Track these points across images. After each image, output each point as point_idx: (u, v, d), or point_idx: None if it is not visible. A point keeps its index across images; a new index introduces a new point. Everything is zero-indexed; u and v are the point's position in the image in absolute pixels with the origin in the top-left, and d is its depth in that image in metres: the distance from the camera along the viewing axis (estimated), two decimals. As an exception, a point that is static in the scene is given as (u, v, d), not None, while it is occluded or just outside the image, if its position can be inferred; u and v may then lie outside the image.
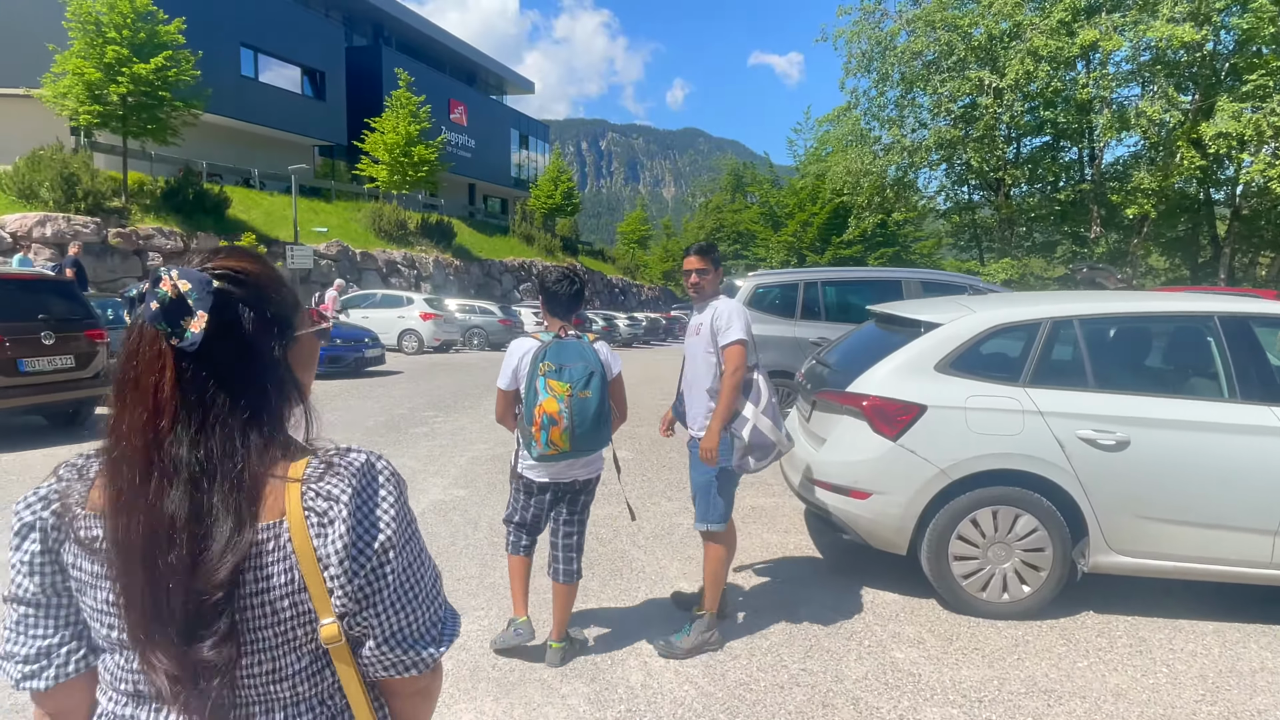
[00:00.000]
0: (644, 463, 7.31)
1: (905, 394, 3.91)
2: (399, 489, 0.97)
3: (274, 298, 0.98)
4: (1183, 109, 17.42)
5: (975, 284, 7.72)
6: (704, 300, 3.67)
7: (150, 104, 19.90)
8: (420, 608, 0.97)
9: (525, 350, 3.23)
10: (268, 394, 0.94)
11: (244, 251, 1.01)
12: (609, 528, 5.24)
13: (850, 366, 4.42)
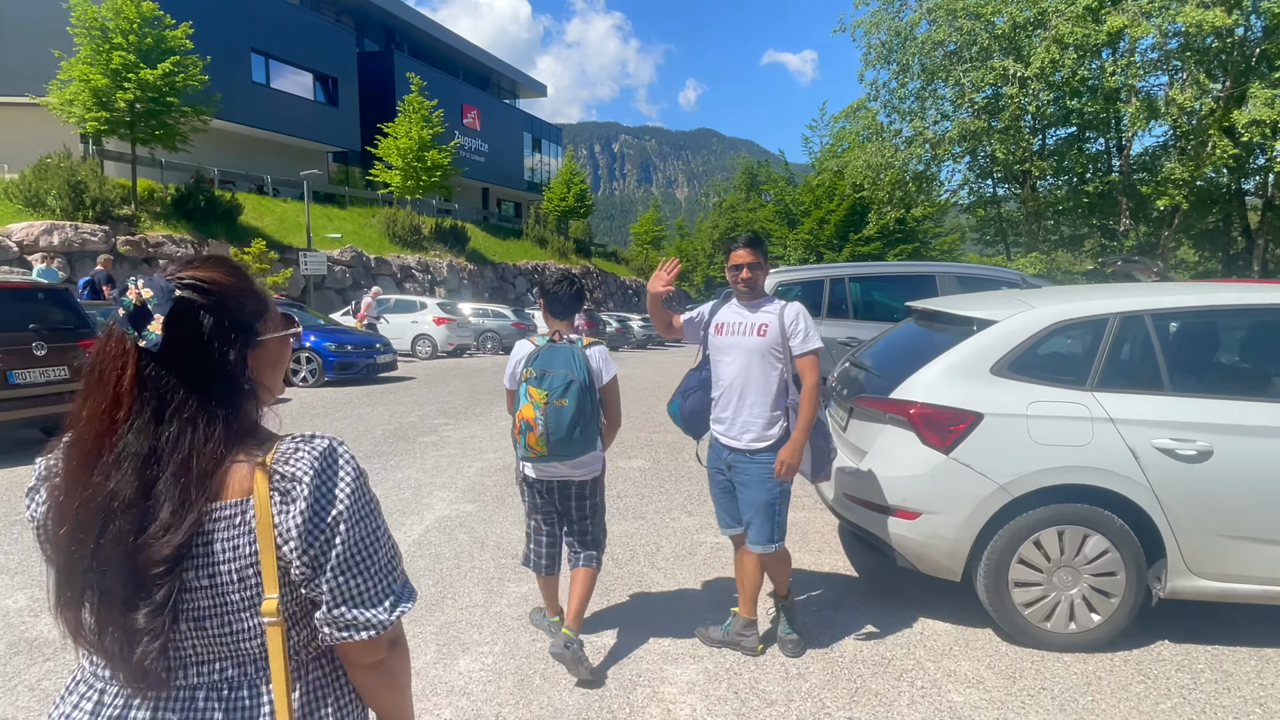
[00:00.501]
0: (660, 473, 6.90)
1: (958, 400, 3.48)
2: (356, 472, 1.07)
3: (235, 305, 1.07)
4: (1215, 96, 16.77)
5: (1016, 278, 7.25)
6: (756, 297, 3.39)
7: (158, 110, 19.77)
8: (369, 575, 1.05)
9: (521, 354, 3.31)
10: (225, 390, 1.04)
11: (215, 262, 1.10)
12: (625, 547, 4.84)
13: (891, 369, 4.00)
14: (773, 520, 3.33)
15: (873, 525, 3.72)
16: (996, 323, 3.64)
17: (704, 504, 5.78)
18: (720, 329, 3.46)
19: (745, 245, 3.37)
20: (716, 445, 3.49)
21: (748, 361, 3.32)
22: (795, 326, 3.28)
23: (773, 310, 3.34)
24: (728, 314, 3.47)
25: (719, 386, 3.45)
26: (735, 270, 3.37)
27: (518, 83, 51.61)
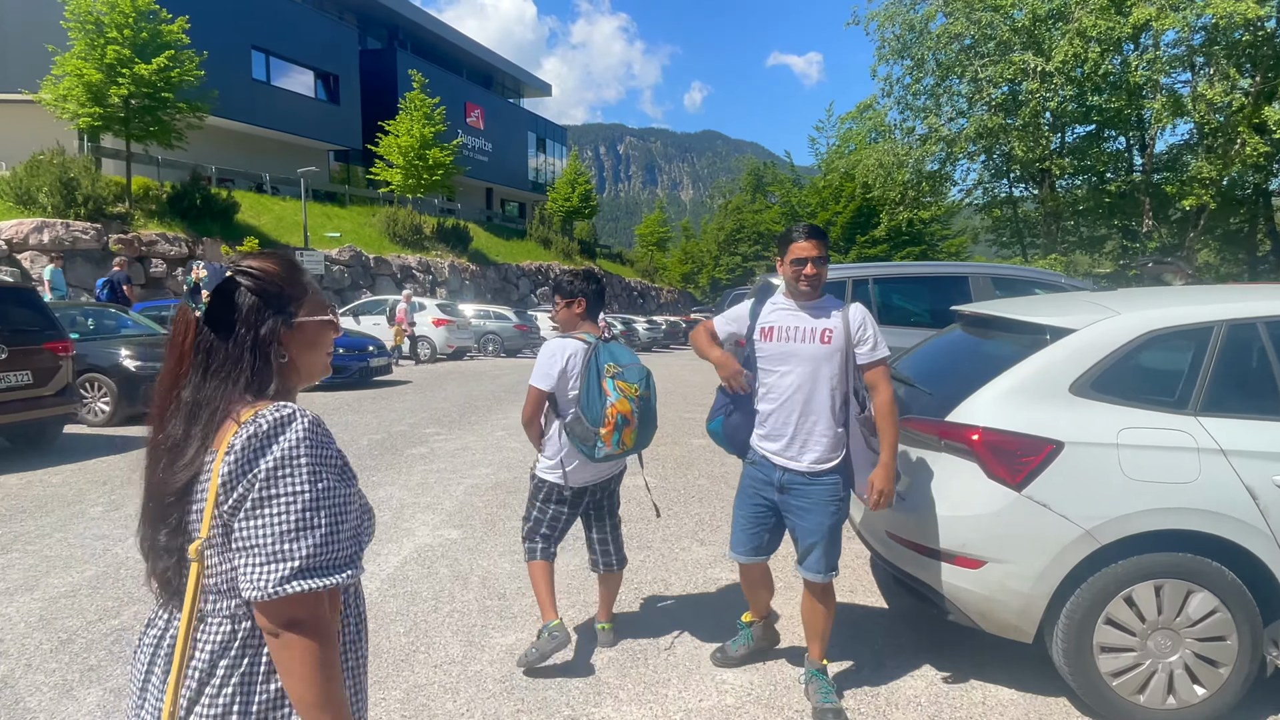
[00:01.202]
0: (668, 491, 6.30)
1: (1032, 426, 2.87)
2: (302, 434, 1.13)
3: (274, 289, 1.23)
4: (1245, 91, 16.10)
5: (1057, 280, 6.63)
6: (817, 296, 2.99)
7: (153, 106, 19.29)
8: (269, 533, 1.08)
9: (571, 350, 3.20)
10: (254, 358, 1.20)
11: (270, 256, 1.30)
12: (628, 585, 4.23)
13: (943, 385, 3.40)
14: (836, 547, 3.01)
15: (921, 571, 3.11)
16: (1075, 331, 3.03)
17: (718, 530, 5.18)
18: (769, 334, 3.00)
19: (809, 236, 2.90)
20: (764, 464, 3.06)
21: (811, 372, 2.92)
22: (863, 332, 2.90)
23: (835, 313, 2.94)
24: (779, 316, 3.00)
25: (772, 400, 3.00)
26: (798, 265, 2.89)
27: (522, 82, 51.09)
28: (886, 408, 2.88)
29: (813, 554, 2.97)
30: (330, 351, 1.36)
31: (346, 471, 1.21)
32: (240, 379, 1.17)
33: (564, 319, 3.37)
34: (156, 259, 19.02)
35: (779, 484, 3.00)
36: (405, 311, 18.82)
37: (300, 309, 1.25)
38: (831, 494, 2.95)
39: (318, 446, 1.13)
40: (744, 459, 3.20)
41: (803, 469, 2.94)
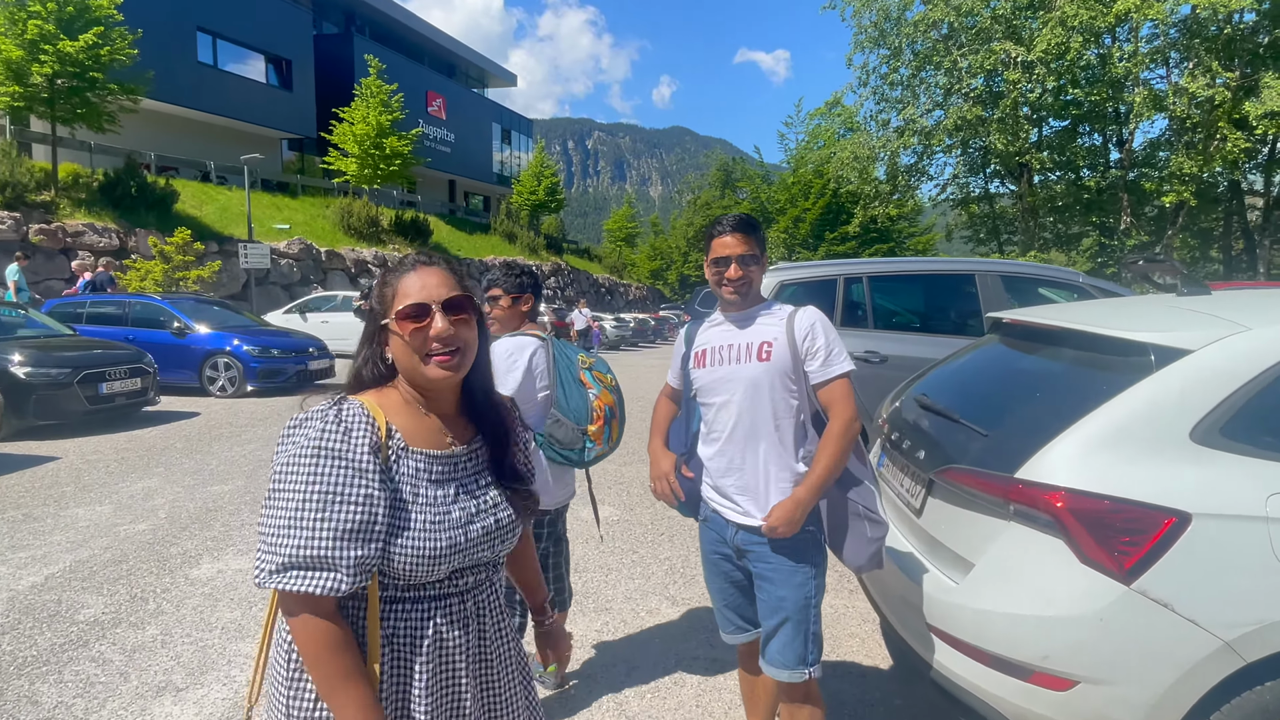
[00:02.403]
0: (633, 527, 5.39)
1: (1143, 489, 2.02)
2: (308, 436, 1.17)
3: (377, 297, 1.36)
4: (1229, 85, 15.66)
5: (1075, 278, 5.85)
6: (749, 304, 2.31)
7: (81, 87, 17.86)
8: (262, 523, 1.16)
9: (532, 347, 2.74)
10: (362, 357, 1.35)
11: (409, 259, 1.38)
12: (582, 664, 3.32)
13: (997, 421, 2.54)
14: (806, 630, 2.21)
15: (979, 687, 2.25)
16: (1191, 353, 2.18)
17: (694, 581, 4.29)
18: (702, 358, 2.35)
19: (734, 229, 2.24)
20: (716, 520, 2.38)
21: (751, 399, 2.23)
22: (812, 341, 2.20)
23: (776, 321, 2.27)
24: (713, 335, 2.37)
25: (713, 440, 2.33)
26: (719, 266, 2.26)
27: (486, 71, 49.71)
28: (837, 430, 2.15)
29: (775, 639, 2.22)
30: (433, 350, 1.28)
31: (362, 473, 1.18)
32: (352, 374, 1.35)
33: (508, 318, 2.85)
34: (83, 251, 17.61)
35: (735, 546, 2.31)
36: None
37: (391, 312, 1.29)
38: (798, 554, 2.21)
39: (327, 444, 1.16)
40: (692, 515, 2.50)
41: (758, 524, 2.21)
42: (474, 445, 1.39)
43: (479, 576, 1.35)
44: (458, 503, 1.29)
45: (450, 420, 1.37)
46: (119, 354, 9.09)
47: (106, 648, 3.44)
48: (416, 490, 1.24)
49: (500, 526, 1.35)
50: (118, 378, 8.76)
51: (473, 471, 1.36)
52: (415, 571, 1.21)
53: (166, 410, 9.96)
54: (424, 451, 1.27)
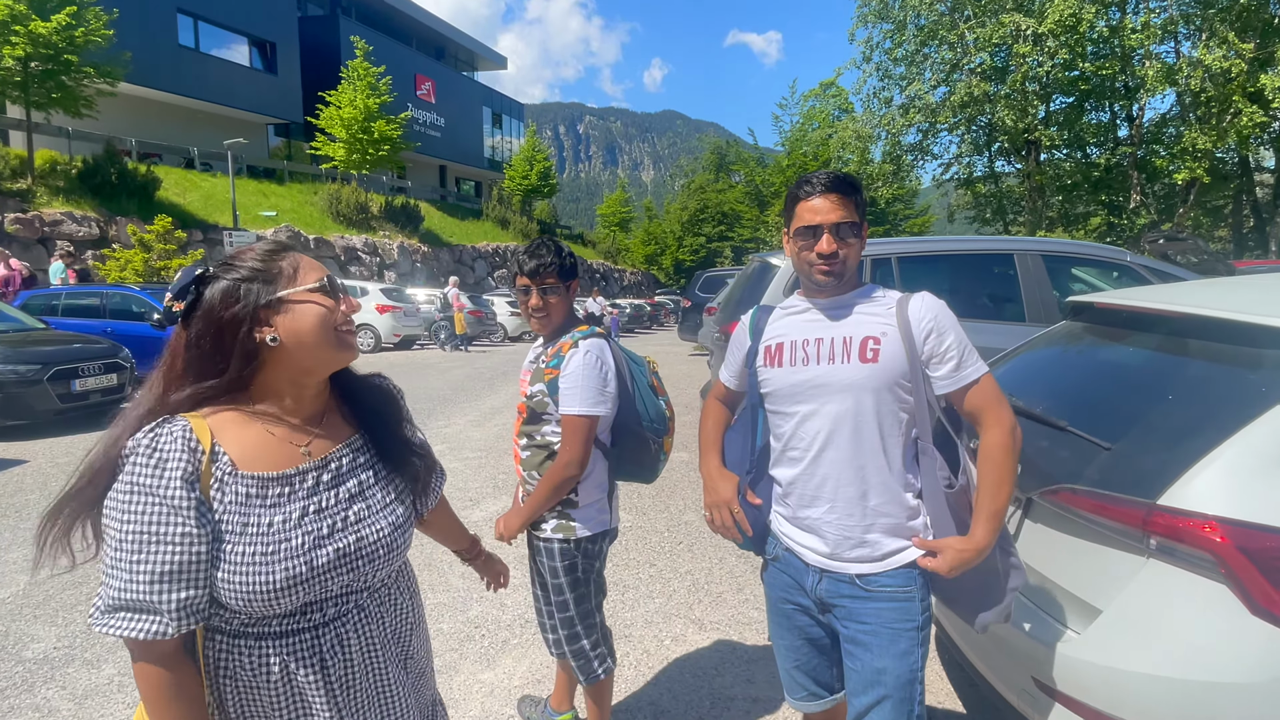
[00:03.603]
0: (648, 535, 4.95)
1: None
2: (138, 459, 1.05)
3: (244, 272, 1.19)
4: (1246, 57, 15.17)
5: (1123, 256, 5.41)
6: (844, 287, 1.78)
7: (55, 70, 17.18)
8: (107, 567, 1.05)
9: (610, 351, 2.22)
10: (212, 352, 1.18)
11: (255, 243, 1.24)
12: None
13: (1117, 430, 2.08)
14: (910, 711, 1.70)
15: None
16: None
17: (720, 601, 3.85)
18: (776, 355, 1.82)
19: (828, 188, 1.70)
20: (790, 562, 1.86)
21: (848, 410, 1.71)
22: (939, 340, 1.69)
23: (882, 311, 1.74)
24: (791, 326, 1.84)
25: (792, 460, 1.81)
26: (807, 237, 1.72)
27: (476, 54, 48.81)
28: (996, 450, 1.65)
29: (873, 716, 1.70)
30: (345, 326, 1.21)
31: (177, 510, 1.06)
32: (197, 373, 1.14)
33: (564, 309, 2.27)
34: (62, 240, 17.00)
35: (818, 597, 1.79)
36: (458, 295, 18.94)
37: (280, 283, 1.17)
38: (903, 612, 1.69)
39: (139, 479, 1.05)
40: (758, 551, 1.96)
41: (853, 570, 1.73)
42: (347, 447, 1.27)
43: (344, 606, 1.20)
44: (301, 527, 1.15)
45: (316, 420, 1.25)
46: (94, 349, 8.58)
47: (54, 693, 2.98)
48: (246, 519, 1.11)
49: (365, 545, 1.21)
50: (92, 374, 8.26)
51: (331, 483, 1.21)
52: (249, 609, 1.10)
53: (146, 407, 9.45)
54: (255, 475, 1.14)
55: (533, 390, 2.22)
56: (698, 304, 15.75)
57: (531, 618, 3.63)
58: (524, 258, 2.19)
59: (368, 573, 1.22)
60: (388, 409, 1.36)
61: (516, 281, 2.21)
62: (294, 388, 1.20)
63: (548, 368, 2.19)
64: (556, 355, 2.19)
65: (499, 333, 22.30)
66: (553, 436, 2.22)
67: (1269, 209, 19.70)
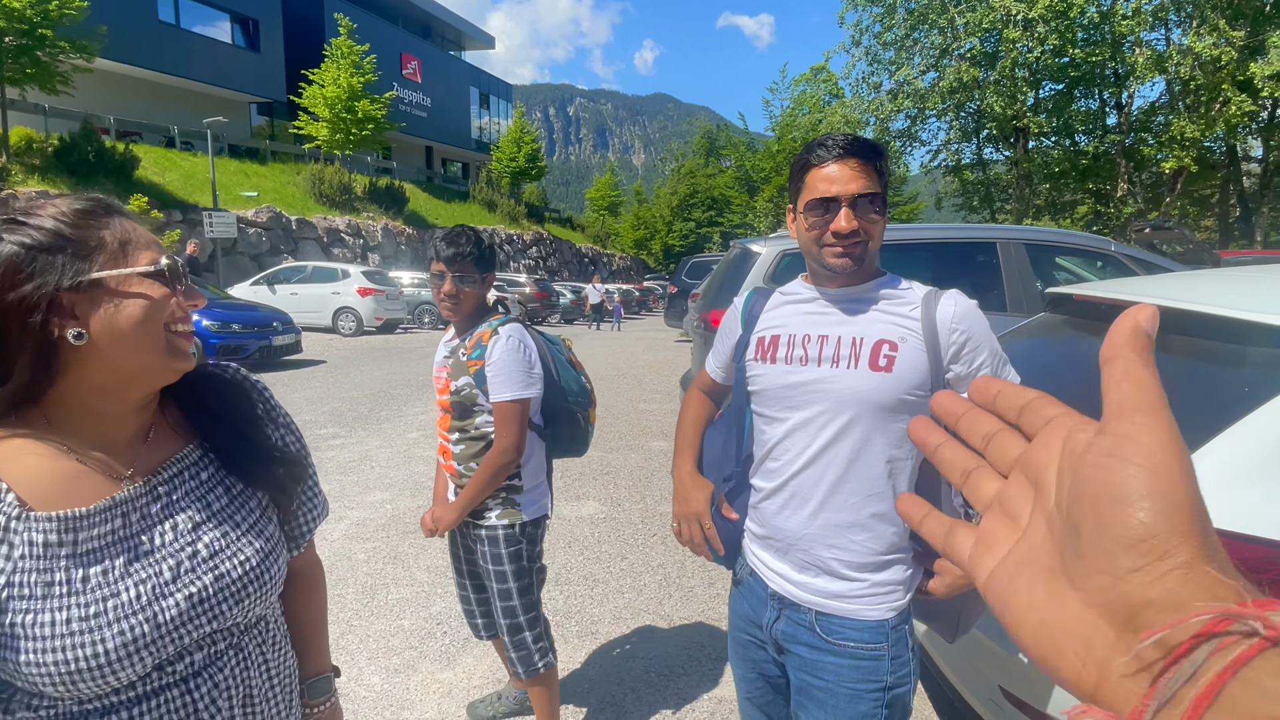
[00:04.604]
0: (623, 526, 4.86)
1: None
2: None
3: (43, 239, 0.86)
4: (1236, 45, 15.11)
5: (1106, 245, 5.33)
6: (861, 275, 1.48)
7: (29, 45, 16.77)
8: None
9: (528, 333, 2.23)
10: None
11: (59, 196, 0.91)
12: (570, 692, 2.79)
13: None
14: None
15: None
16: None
17: (691, 597, 3.76)
18: (769, 349, 1.54)
19: (846, 152, 1.40)
20: (753, 589, 1.59)
21: (849, 423, 1.42)
22: (973, 350, 1.42)
23: (904, 309, 1.45)
24: (791, 315, 1.55)
25: (772, 471, 1.53)
26: (819, 211, 1.41)
27: (463, 33, 48.16)
28: None
29: None
30: (181, 326, 0.90)
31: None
32: None
33: (475, 299, 2.22)
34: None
35: (775, 636, 1.53)
36: None
37: (98, 259, 0.84)
38: (867, 671, 1.41)
39: None
40: (728, 567, 1.71)
41: (815, 608, 1.45)
42: (180, 463, 0.96)
43: (216, 647, 0.94)
44: (131, 575, 0.87)
45: (139, 436, 0.93)
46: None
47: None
48: (49, 577, 0.82)
49: (229, 583, 0.94)
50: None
51: (164, 513, 0.92)
52: (75, 690, 0.81)
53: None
54: (55, 515, 0.83)
55: (459, 385, 2.20)
56: (684, 290, 15.64)
57: (496, 613, 3.53)
58: (441, 244, 2.16)
59: (236, 615, 0.96)
60: (234, 407, 1.05)
61: (432, 266, 2.18)
62: (106, 401, 0.88)
63: (470, 359, 2.17)
64: (477, 346, 2.17)
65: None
66: (487, 426, 2.20)
67: (1255, 199, 19.72)
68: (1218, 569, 0.28)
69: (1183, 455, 0.30)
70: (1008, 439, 0.38)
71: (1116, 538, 0.29)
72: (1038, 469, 0.35)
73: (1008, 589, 0.34)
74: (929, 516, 0.42)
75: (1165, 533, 0.28)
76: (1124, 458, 0.30)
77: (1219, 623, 0.26)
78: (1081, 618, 0.30)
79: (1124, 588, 0.29)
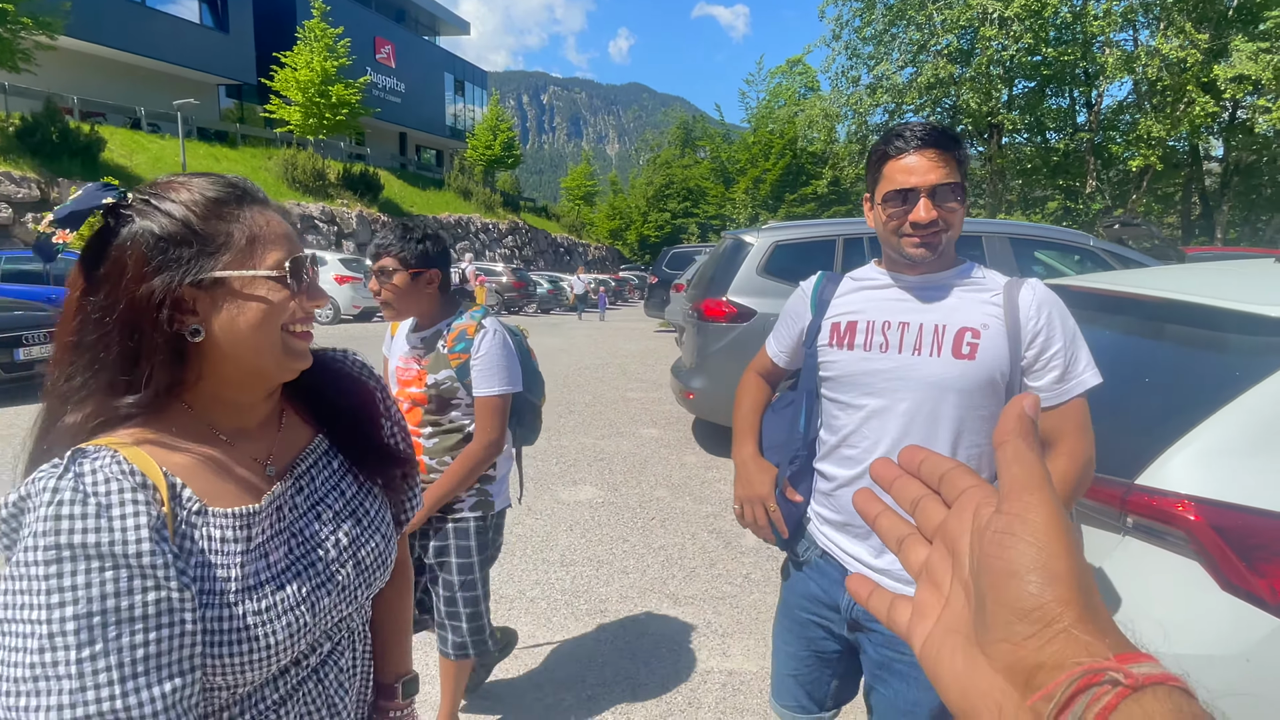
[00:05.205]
0: (621, 511, 4.97)
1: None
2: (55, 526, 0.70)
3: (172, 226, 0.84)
4: (1201, 48, 15.55)
5: (1085, 240, 5.54)
6: (940, 264, 1.50)
7: (-9, 20, 16.37)
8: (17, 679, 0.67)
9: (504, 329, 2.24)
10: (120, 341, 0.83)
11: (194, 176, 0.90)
12: (579, 683, 2.90)
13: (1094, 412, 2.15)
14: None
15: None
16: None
17: (694, 576, 3.89)
18: (848, 334, 1.55)
19: (924, 143, 1.41)
20: (825, 571, 1.63)
21: (931, 411, 1.45)
22: (1048, 338, 1.43)
23: (985, 297, 1.47)
24: (867, 301, 1.56)
25: (847, 458, 1.56)
26: (898, 203, 1.43)
27: (438, 18, 47.61)
28: (1060, 485, 1.44)
29: None
30: (300, 327, 0.88)
31: (144, 573, 0.72)
32: (105, 376, 0.79)
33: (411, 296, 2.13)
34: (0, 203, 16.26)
35: (852, 616, 1.59)
36: (474, 272, 19.30)
37: (223, 257, 0.82)
38: None
39: (71, 538, 0.70)
40: (787, 549, 1.74)
41: (898, 590, 1.50)
42: (313, 454, 0.96)
43: (337, 639, 0.96)
44: (292, 568, 0.88)
45: (268, 440, 0.93)
46: (37, 316, 8.24)
47: None
48: (227, 573, 0.81)
49: (365, 570, 0.96)
50: (37, 342, 7.94)
51: (311, 506, 0.93)
52: (240, 680, 0.82)
53: (95, 377, 9.14)
54: (234, 512, 0.83)
55: (439, 378, 2.14)
56: (665, 280, 15.71)
57: (504, 590, 3.62)
58: (383, 242, 2.10)
59: (364, 602, 0.99)
60: (357, 401, 1.04)
61: (374, 263, 2.11)
62: (236, 392, 0.88)
63: (452, 353, 2.12)
64: (460, 339, 2.13)
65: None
66: (464, 419, 2.19)
67: (1215, 197, 20.34)
68: (1097, 628, 0.32)
69: (1065, 530, 0.34)
70: (931, 505, 0.44)
71: (1012, 608, 0.34)
72: (953, 539, 0.40)
73: (935, 657, 0.39)
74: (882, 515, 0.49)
75: (1051, 601, 0.33)
76: (1016, 535, 0.35)
77: (1091, 678, 0.30)
78: (992, 682, 0.34)
79: (1021, 653, 0.33)
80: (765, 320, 5.47)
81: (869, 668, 1.60)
